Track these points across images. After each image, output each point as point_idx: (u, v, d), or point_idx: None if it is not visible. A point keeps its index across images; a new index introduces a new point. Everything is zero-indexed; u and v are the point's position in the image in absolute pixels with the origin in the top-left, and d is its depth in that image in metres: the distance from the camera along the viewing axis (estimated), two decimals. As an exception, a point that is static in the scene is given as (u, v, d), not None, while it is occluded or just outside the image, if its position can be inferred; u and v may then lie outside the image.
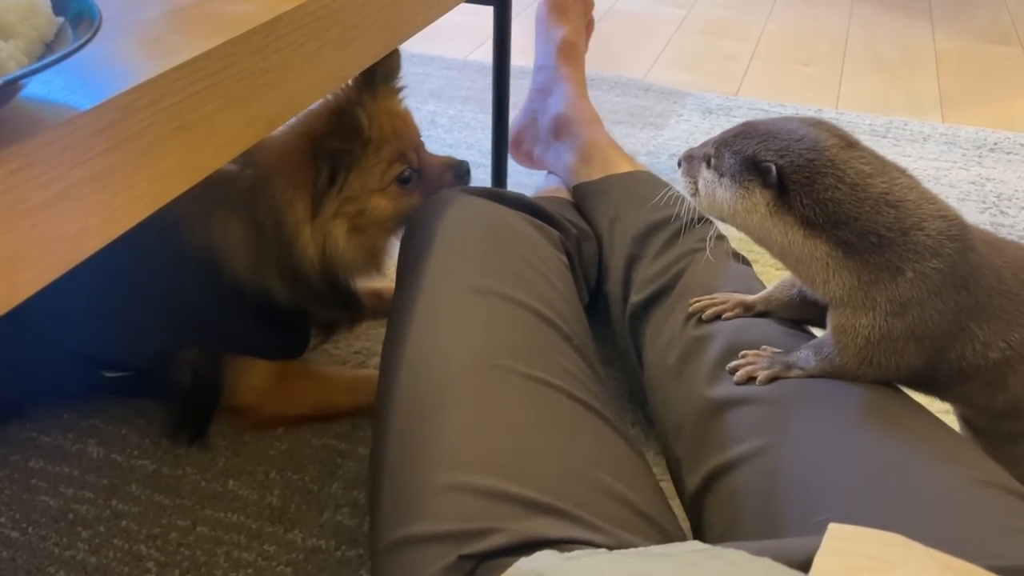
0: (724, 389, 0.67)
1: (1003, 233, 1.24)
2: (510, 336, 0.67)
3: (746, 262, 0.89)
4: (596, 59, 1.87)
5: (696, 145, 0.69)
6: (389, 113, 0.92)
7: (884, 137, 1.52)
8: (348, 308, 0.94)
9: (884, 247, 0.60)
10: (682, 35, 2.00)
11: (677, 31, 2.02)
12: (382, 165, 0.88)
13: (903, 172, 0.63)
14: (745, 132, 0.65)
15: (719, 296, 0.77)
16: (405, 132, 0.93)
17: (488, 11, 1.17)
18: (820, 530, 0.43)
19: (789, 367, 0.67)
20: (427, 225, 0.81)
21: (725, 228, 0.78)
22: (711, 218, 0.69)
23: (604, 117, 1.56)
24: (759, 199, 0.62)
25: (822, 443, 0.59)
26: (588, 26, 1.27)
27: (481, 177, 1.34)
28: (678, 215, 0.68)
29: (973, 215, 1.29)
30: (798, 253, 0.62)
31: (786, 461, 0.59)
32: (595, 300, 0.98)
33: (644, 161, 1.41)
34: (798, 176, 0.60)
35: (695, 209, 0.69)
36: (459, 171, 0.95)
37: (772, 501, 0.58)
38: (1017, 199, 1.33)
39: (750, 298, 0.76)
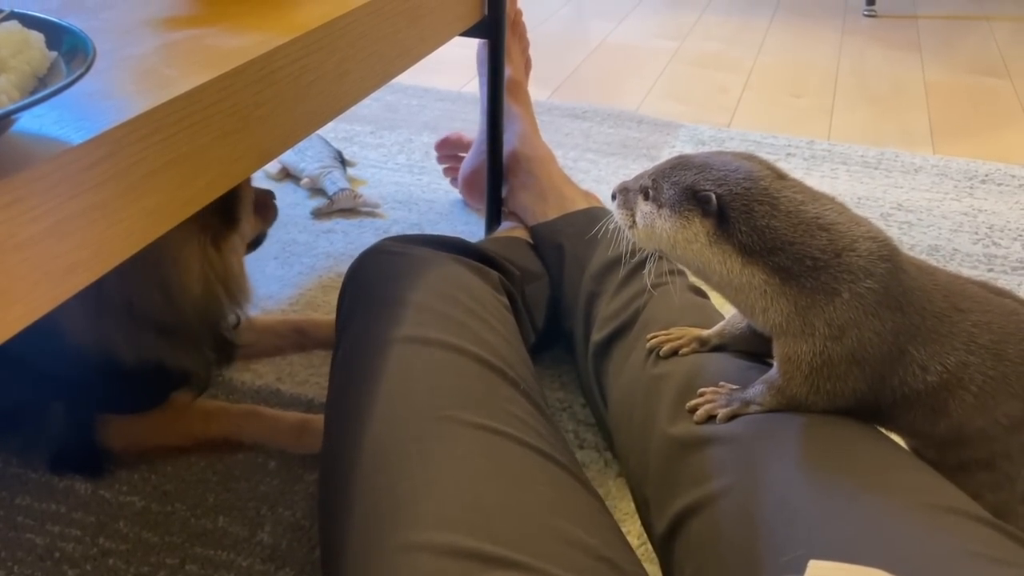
0: (685, 428, 0.67)
1: (997, 264, 1.25)
2: (454, 385, 0.66)
3: (704, 295, 0.90)
4: (588, 92, 1.89)
5: (632, 178, 0.70)
6: None
7: (876, 168, 1.52)
8: (222, 349, 0.93)
9: (819, 270, 0.61)
10: (675, 67, 2.02)
11: (670, 63, 2.04)
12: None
13: (832, 200, 0.64)
14: (682, 164, 0.65)
15: (675, 331, 0.77)
16: None
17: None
18: (789, 569, 0.42)
19: (747, 403, 0.67)
20: (362, 276, 0.81)
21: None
22: (648, 251, 0.69)
23: (597, 149, 1.58)
24: (698, 228, 0.62)
25: (785, 480, 0.59)
26: (527, 64, 1.29)
27: (473, 209, 1.34)
28: (630, 252, 0.68)
29: (966, 246, 1.29)
30: (736, 283, 0.63)
31: (751, 500, 0.59)
32: (556, 338, 0.98)
33: (638, 192, 1.41)
34: (736, 204, 0.61)
35: (632, 242, 0.69)
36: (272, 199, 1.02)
37: (740, 542, 0.57)
38: (1009, 230, 1.34)
39: (705, 332, 0.76)
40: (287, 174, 1.43)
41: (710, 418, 0.67)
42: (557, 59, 2.01)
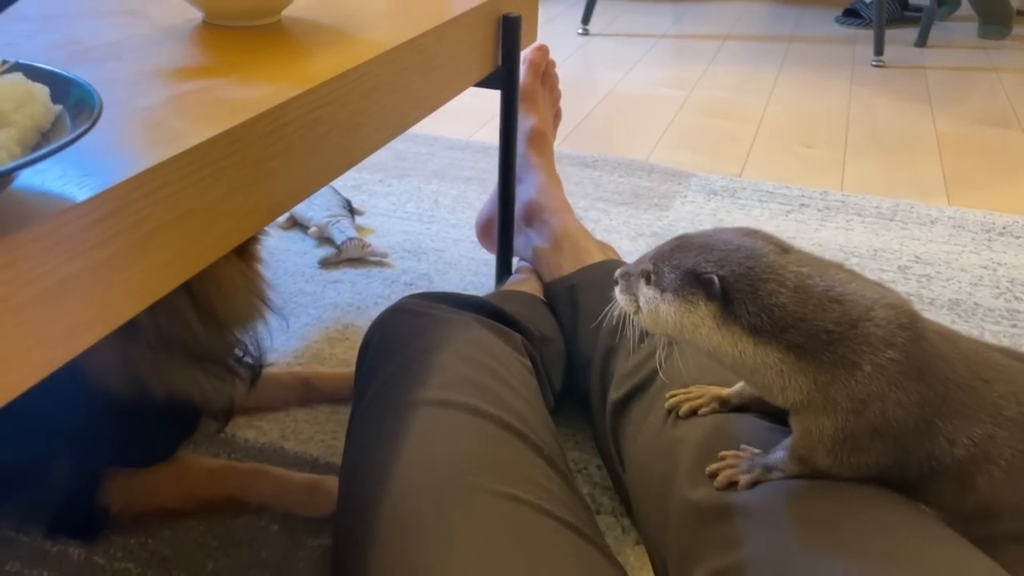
0: (706, 493, 0.64)
1: (1020, 320, 1.22)
2: (475, 450, 0.64)
3: None
4: (598, 141, 1.88)
5: (632, 262, 0.67)
6: None
7: (891, 220, 1.50)
8: (247, 367, 0.89)
9: (835, 343, 0.58)
10: (684, 116, 2.01)
11: (679, 112, 2.03)
12: None
13: (840, 267, 0.62)
14: (681, 246, 0.63)
15: (695, 390, 0.74)
16: None
17: (491, 93, 1.16)
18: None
19: (769, 469, 0.64)
20: (384, 335, 0.78)
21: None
22: (657, 335, 0.66)
23: (608, 198, 1.56)
24: (704, 312, 0.60)
25: (812, 552, 0.56)
26: (556, 116, 1.28)
27: (485, 258, 1.32)
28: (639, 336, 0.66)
29: (988, 300, 1.26)
30: (751, 364, 0.60)
31: (777, 572, 0.56)
32: (571, 396, 0.95)
33: (649, 243, 1.39)
34: (740, 285, 0.59)
35: (640, 327, 0.66)
36: None
37: None
38: (1030, 284, 1.31)
39: (725, 391, 0.73)
40: (295, 223, 1.41)
41: (731, 484, 0.64)
42: (565, 108, 2.00)
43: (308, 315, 1.18)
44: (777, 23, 2.93)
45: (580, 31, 2.64)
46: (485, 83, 1.04)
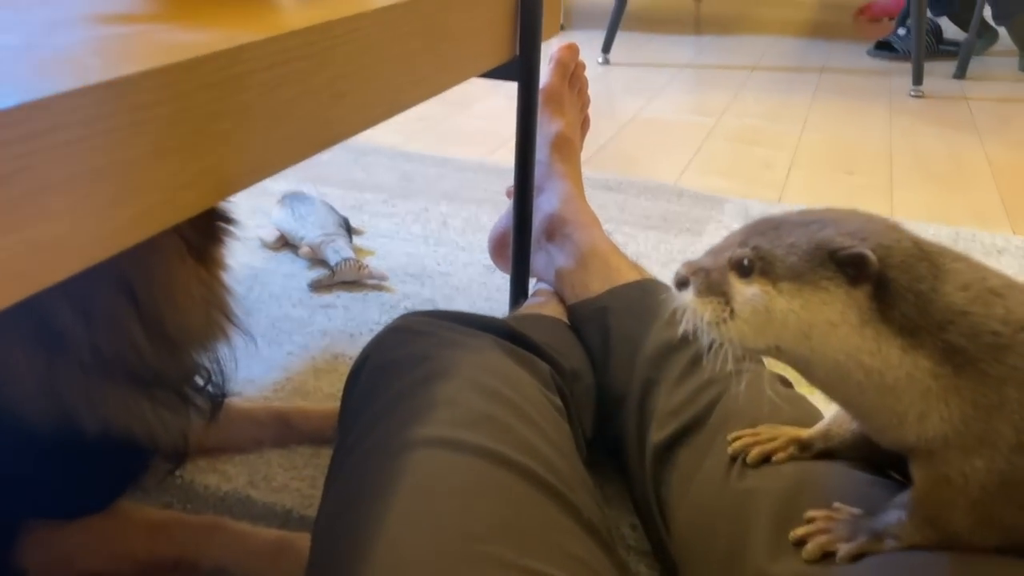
0: (793, 568, 0.49)
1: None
2: (493, 510, 0.48)
3: (788, 385, 0.71)
4: (621, 165, 1.74)
5: (699, 256, 0.52)
6: None
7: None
8: (207, 396, 0.73)
9: (1003, 349, 0.43)
10: (713, 143, 1.87)
11: (707, 139, 1.89)
12: None
13: (972, 259, 0.48)
14: (784, 223, 0.48)
15: (765, 431, 0.59)
16: None
17: (506, 117, 1.03)
18: None
19: (878, 536, 0.48)
20: (378, 360, 0.62)
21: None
22: (748, 354, 0.50)
23: (634, 222, 1.41)
24: (845, 304, 0.45)
25: None
26: (584, 123, 1.14)
27: (498, 283, 1.17)
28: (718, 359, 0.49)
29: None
30: (891, 378, 0.45)
31: None
32: (600, 439, 0.79)
33: (683, 270, 1.23)
34: (895, 262, 0.44)
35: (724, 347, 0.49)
36: None
37: None
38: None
39: (806, 433, 0.58)
40: (285, 242, 1.27)
41: (826, 555, 0.48)
42: (591, 132, 1.87)
43: (293, 343, 1.03)
44: (806, 56, 2.81)
45: (600, 60, 2.52)
46: (502, 74, 0.90)
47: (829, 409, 0.60)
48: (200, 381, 0.73)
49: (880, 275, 0.44)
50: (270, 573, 0.69)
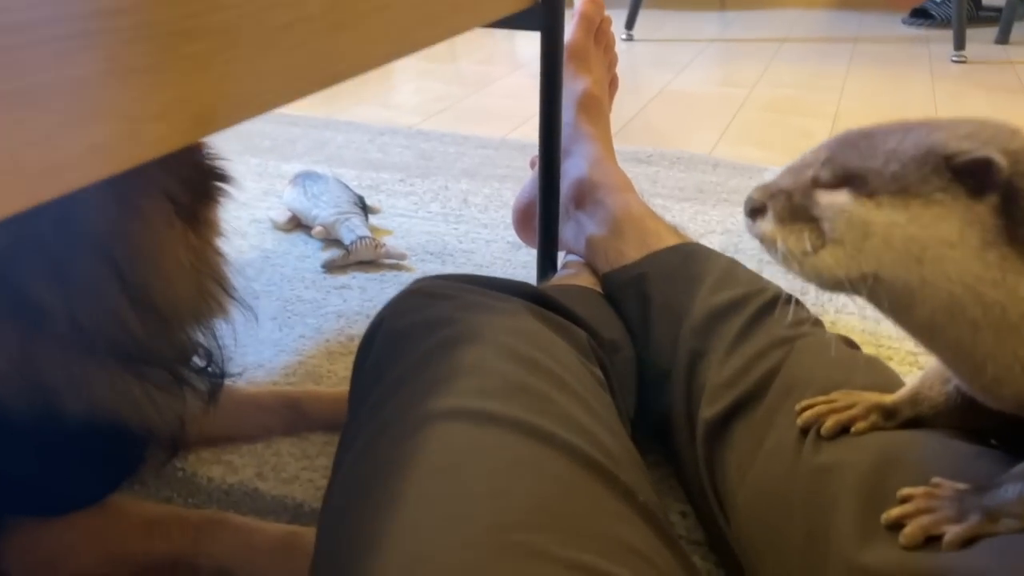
0: (888, 556, 0.41)
1: None
2: (532, 493, 0.40)
3: (855, 347, 0.63)
4: (650, 139, 1.66)
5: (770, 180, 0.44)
6: None
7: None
8: (206, 376, 0.66)
9: None
10: (747, 113, 1.78)
11: (740, 109, 1.80)
12: None
13: None
14: (878, 131, 0.41)
15: (840, 397, 0.50)
16: None
17: (528, 96, 0.95)
18: None
19: (993, 515, 0.40)
20: (393, 326, 0.54)
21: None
22: (831, 290, 0.42)
23: (667, 194, 1.32)
24: (964, 220, 0.37)
25: None
26: (612, 83, 1.05)
27: (523, 259, 1.09)
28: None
29: None
30: (1016, 316, 0.38)
31: None
32: (642, 418, 0.70)
33: (719, 241, 1.15)
34: (1023, 169, 0.37)
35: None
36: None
37: None
38: None
39: (889, 398, 0.49)
40: (298, 223, 1.20)
41: (930, 539, 0.40)
42: (615, 107, 1.79)
43: (305, 325, 0.95)
44: (838, 26, 2.70)
45: (624, 36, 2.43)
46: (523, 23, 0.82)
47: (910, 375, 0.52)
48: (197, 361, 0.66)
49: (1009, 186, 0.35)
50: (279, 571, 0.62)
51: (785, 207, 0.41)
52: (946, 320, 0.39)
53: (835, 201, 0.40)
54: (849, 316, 0.95)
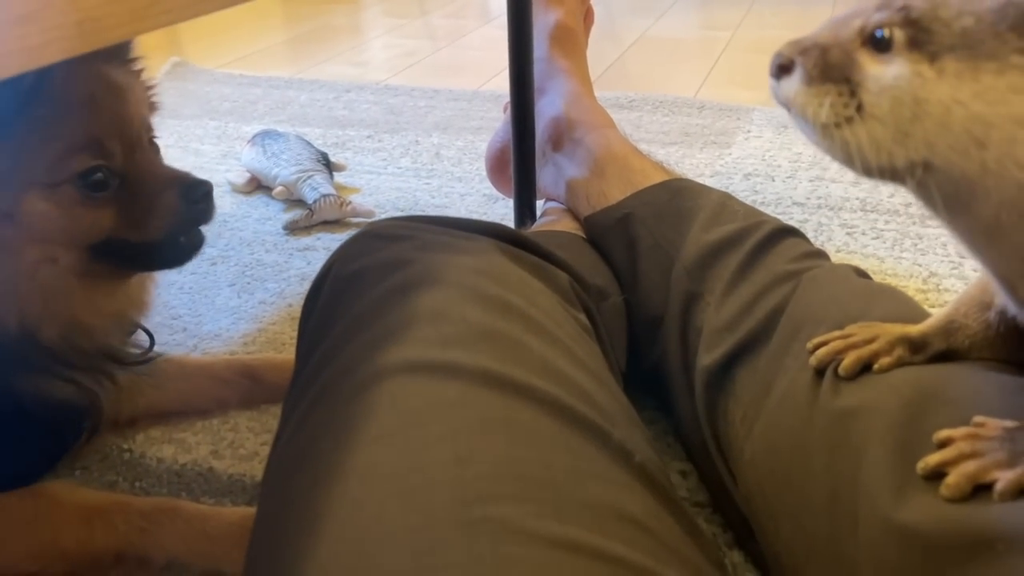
0: (929, 511, 0.34)
1: None
2: (504, 457, 0.33)
3: (867, 277, 0.56)
4: (631, 84, 1.58)
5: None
6: (95, 78, 0.58)
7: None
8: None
9: None
10: (731, 54, 1.70)
11: (724, 51, 1.72)
12: (55, 148, 0.55)
13: None
14: None
15: (858, 331, 0.44)
16: (112, 111, 0.58)
17: (499, 48, 0.87)
18: None
19: None
20: (342, 271, 0.47)
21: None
22: (867, 176, 0.36)
23: (652, 139, 1.25)
24: None
25: None
26: (588, 15, 0.97)
27: (501, 212, 1.02)
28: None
29: None
30: None
31: None
32: (633, 370, 0.64)
33: (711, 183, 1.08)
34: None
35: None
36: (190, 192, 0.59)
37: None
38: None
39: (916, 329, 0.42)
40: (258, 184, 1.12)
41: (978, 488, 0.34)
42: (590, 56, 1.71)
43: (266, 290, 0.88)
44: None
45: (599, -15, 2.34)
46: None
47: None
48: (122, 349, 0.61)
49: None
50: (237, 560, 0.55)
51: (818, 64, 0.34)
52: (1014, 219, 0.32)
53: (883, 68, 0.32)
54: (851, 255, 0.89)
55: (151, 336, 0.65)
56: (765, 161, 1.14)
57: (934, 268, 0.86)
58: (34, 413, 0.56)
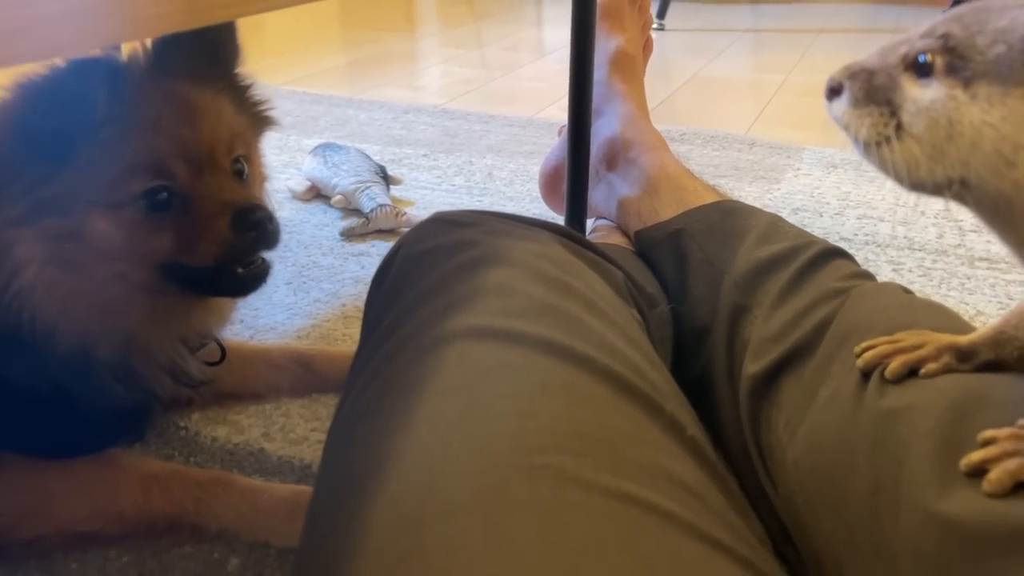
0: (971, 505, 0.35)
1: None
2: (563, 415, 0.35)
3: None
4: (682, 118, 1.61)
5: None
6: (166, 98, 0.56)
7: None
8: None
9: None
10: (783, 97, 1.72)
11: (777, 94, 1.74)
12: (117, 169, 0.53)
13: None
14: (1001, 4, 0.35)
15: (906, 337, 0.45)
16: (178, 132, 0.55)
17: (555, 80, 0.90)
18: None
19: None
20: (408, 252, 0.49)
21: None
22: (911, 190, 0.37)
23: (703, 171, 1.26)
24: None
25: None
26: (647, 44, 1.00)
27: (550, 230, 1.04)
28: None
29: None
30: None
31: None
32: (680, 378, 0.65)
33: (760, 216, 1.09)
34: None
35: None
36: (241, 219, 0.56)
37: None
38: None
39: (965, 339, 0.44)
40: (317, 193, 1.15)
41: (1018, 486, 0.35)
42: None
43: (321, 290, 0.91)
44: (877, 19, 2.63)
45: (655, 25, 2.38)
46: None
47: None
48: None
49: None
50: (285, 533, 0.58)
51: (864, 88, 0.36)
52: None
53: (921, 91, 0.35)
54: (903, 275, 0.89)
55: (223, 350, 0.65)
56: (814, 198, 1.15)
57: (981, 307, 0.87)
58: (88, 419, 0.58)
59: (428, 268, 0.45)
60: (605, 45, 0.93)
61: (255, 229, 0.56)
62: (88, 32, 0.34)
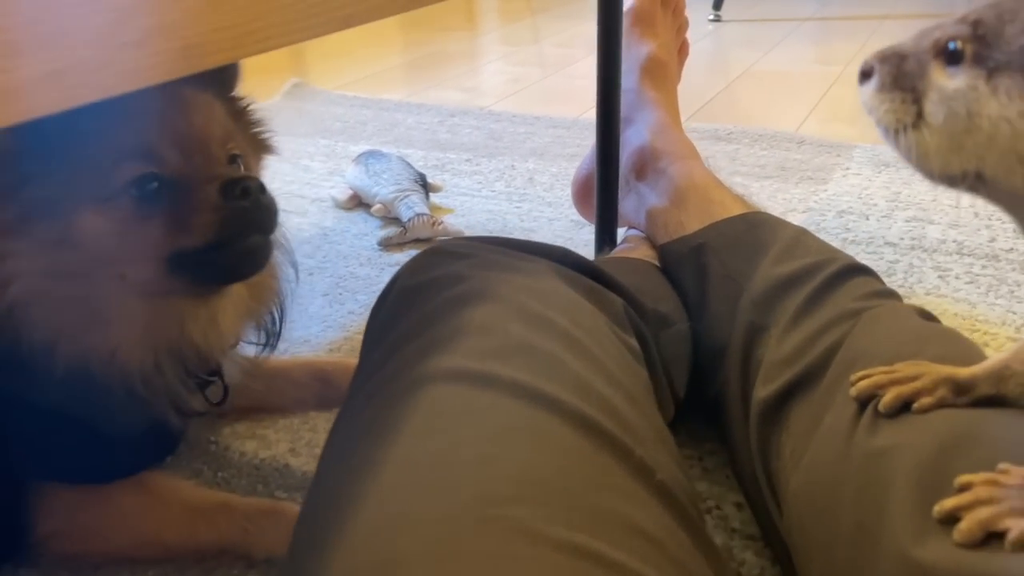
0: (947, 552, 0.34)
1: None
2: (526, 463, 0.36)
3: (932, 320, 0.55)
4: (734, 116, 1.58)
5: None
6: (156, 90, 0.52)
7: None
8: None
9: None
10: (839, 90, 1.67)
11: (832, 87, 1.69)
12: (104, 160, 0.51)
13: None
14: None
15: (903, 368, 0.43)
16: (170, 119, 0.53)
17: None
18: None
19: None
20: (404, 285, 0.51)
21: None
22: (932, 180, 0.36)
23: (747, 172, 1.25)
24: None
25: None
26: (682, 48, 0.98)
27: (587, 238, 1.04)
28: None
29: None
30: None
31: None
32: (698, 400, 0.65)
33: (803, 220, 1.07)
34: None
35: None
36: (229, 187, 0.52)
37: None
38: None
39: (965, 371, 0.42)
40: (359, 202, 1.18)
41: (991, 536, 0.34)
42: (694, 88, 1.71)
43: (356, 302, 0.93)
44: (944, 3, 2.52)
45: (711, 17, 2.34)
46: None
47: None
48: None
49: None
50: None
51: (892, 72, 0.35)
52: None
53: (947, 80, 0.33)
54: (940, 298, 0.86)
55: (226, 390, 0.64)
56: (861, 199, 1.12)
57: (1030, 317, 0.83)
58: (107, 441, 0.57)
59: (417, 304, 0.46)
60: (636, 51, 0.92)
61: (246, 197, 0.52)
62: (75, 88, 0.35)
